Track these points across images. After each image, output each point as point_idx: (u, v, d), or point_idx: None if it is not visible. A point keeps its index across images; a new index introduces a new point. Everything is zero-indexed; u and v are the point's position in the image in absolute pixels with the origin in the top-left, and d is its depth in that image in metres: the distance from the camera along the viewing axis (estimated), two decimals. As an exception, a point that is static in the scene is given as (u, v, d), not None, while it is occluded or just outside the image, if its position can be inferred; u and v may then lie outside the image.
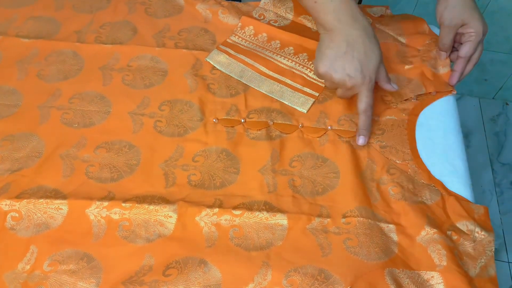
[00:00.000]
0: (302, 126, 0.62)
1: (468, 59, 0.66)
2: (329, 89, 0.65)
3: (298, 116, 0.62)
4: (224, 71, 0.66)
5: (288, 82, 0.66)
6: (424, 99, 0.66)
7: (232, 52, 0.68)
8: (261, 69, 0.67)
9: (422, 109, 0.65)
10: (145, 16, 0.72)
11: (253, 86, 0.65)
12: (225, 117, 0.62)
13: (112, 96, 0.63)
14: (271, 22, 0.72)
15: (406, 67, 0.68)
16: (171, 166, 0.57)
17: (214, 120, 0.61)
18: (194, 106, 0.62)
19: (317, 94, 0.65)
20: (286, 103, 0.64)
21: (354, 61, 0.57)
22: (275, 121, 0.62)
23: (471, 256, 0.53)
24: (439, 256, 0.51)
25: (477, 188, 1.39)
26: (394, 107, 0.64)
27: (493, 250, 0.54)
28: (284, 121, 0.62)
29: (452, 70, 0.67)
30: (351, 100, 0.65)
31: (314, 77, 0.66)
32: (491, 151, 1.46)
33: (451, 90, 0.67)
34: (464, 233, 0.54)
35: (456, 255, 0.52)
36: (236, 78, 0.66)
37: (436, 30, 0.75)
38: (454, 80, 0.66)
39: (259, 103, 0.63)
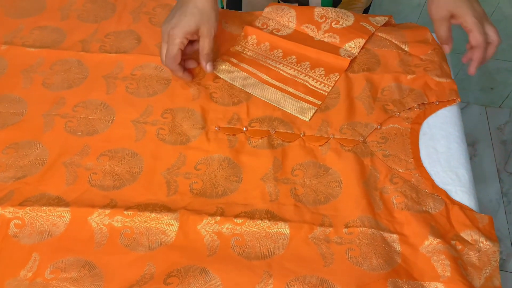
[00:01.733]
0: (304, 135, 0.62)
1: (484, 47, 0.64)
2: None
3: (299, 124, 0.62)
4: (227, 79, 0.67)
5: (290, 91, 0.66)
6: (427, 108, 0.66)
7: (235, 61, 0.68)
8: (264, 78, 0.67)
9: (425, 118, 0.65)
10: (149, 25, 0.73)
11: (255, 95, 0.65)
12: (227, 126, 0.62)
13: (116, 105, 0.63)
14: (273, 31, 0.73)
15: (409, 76, 0.68)
16: (173, 174, 0.57)
17: (216, 128, 0.61)
18: (196, 114, 0.62)
19: (319, 103, 0.65)
20: (289, 111, 0.64)
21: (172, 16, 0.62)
22: (277, 130, 0.62)
23: (476, 267, 0.52)
24: (442, 266, 0.51)
25: (484, 197, 1.38)
26: (397, 116, 0.64)
27: (498, 260, 0.53)
28: (286, 130, 0.62)
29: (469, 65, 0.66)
30: (353, 108, 0.65)
31: (317, 85, 0.66)
32: (498, 160, 1.45)
33: (455, 99, 0.67)
34: (468, 243, 0.54)
35: (460, 266, 0.51)
36: (239, 86, 0.66)
37: (439, 39, 0.75)
38: (472, 70, 0.66)
39: (261, 112, 0.63)
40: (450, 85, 0.67)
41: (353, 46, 0.70)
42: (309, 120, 0.63)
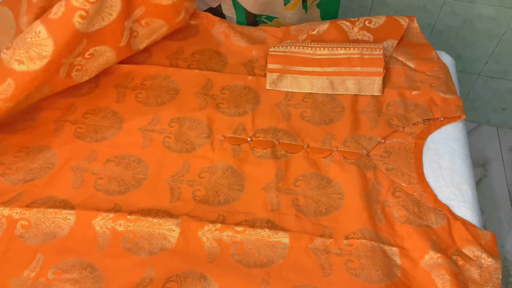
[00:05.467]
0: (308, 147, 0.62)
1: None
2: None
3: (304, 136, 0.63)
4: (279, 89, 0.69)
5: (347, 70, 0.68)
6: (432, 124, 0.66)
7: (278, 66, 0.69)
8: (315, 70, 0.69)
9: (429, 133, 0.65)
10: (160, 40, 0.75)
11: (308, 91, 0.69)
12: (232, 135, 0.63)
13: (125, 113, 0.65)
14: (309, 31, 0.74)
15: (414, 92, 0.68)
16: (178, 181, 0.58)
17: (221, 137, 0.63)
18: (202, 124, 0.64)
19: (381, 70, 0.67)
20: (354, 93, 0.68)
21: None
22: (281, 141, 0.63)
23: (477, 283, 0.51)
24: (443, 281, 0.50)
25: (494, 219, 1.35)
26: (401, 130, 0.65)
27: (500, 277, 0.52)
28: (290, 141, 0.63)
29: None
30: (358, 122, 0.65)
31: (373, 52, 0.68)
32: (510, 182, 1.42)
33: (460, 116, 0.67)
34: (470, 258, 0.53)
35: (460, 281, 0.51)
36: (295, 90, 0.69)
37: (445, 57, 0.76)
38: None
39: (266, 123, 0.64)
40: (455, 101, 0.67)
41: (387, 46, 0.72)
42: (382, 94, 0.67)
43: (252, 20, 0.79)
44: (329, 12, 0.83)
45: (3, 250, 0.51)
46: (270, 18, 0.79)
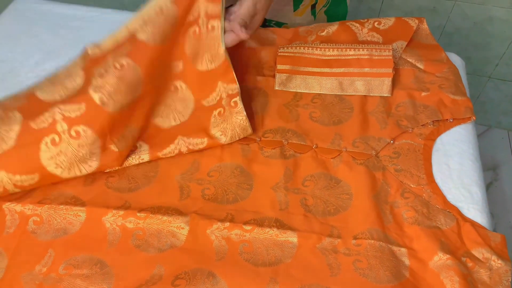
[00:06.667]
0: (316, 147, 0.62)
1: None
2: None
3: (312, 136, 0.63)
4: (287, 90, 0.69)
5: (356, 71, 0.68)
6: (441, 125, 0.66)
7: (288, 67, 0.69)
8: (324, 71, 0.69)
9: (439, 134, 0.65)
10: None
11: (317, 92, 0.69)
12: (241, 135, 0.63)
13: None
14: (319, 32, 0.74)
15: (423, 93, 0.68)
16: (187, 179, 0.59)
17: (230, 137, 0.63)
18: (212, 124, 0.64)
19: (391, 71, 0.67)
20: (363, 94, 0.68)
21: None
22: (289, 141, 0.63)
23: (486, 285, 0.51)
24: (452, 282, 0.50)
25: (504, 223, 1.34)
26: (410, 131, 0.65)
27: (510, 280, 0.52)
28: (299, 141, 0.63)
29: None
30: (367, 123, 0.65)
31: (382, 53, 0.68)
32: (520, 186, 1.41)
33: (470, 117, 0.67)
34: (479, 260, 0.53)
35: (470, 283, 0.50)
36: (303, 91, 0.69)
37: (455, 58, 0.76)
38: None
39: (275, 123, 0.65)
40: (465, 102, 0.67)
41: (396, 48, 0.72)
42: (391, 95, 0.68)
43: (262, 24, 0.79)
44: (337, 19, 0.83)
45: (16, 245, 0.52)
46: (279, 24, 0.79)
